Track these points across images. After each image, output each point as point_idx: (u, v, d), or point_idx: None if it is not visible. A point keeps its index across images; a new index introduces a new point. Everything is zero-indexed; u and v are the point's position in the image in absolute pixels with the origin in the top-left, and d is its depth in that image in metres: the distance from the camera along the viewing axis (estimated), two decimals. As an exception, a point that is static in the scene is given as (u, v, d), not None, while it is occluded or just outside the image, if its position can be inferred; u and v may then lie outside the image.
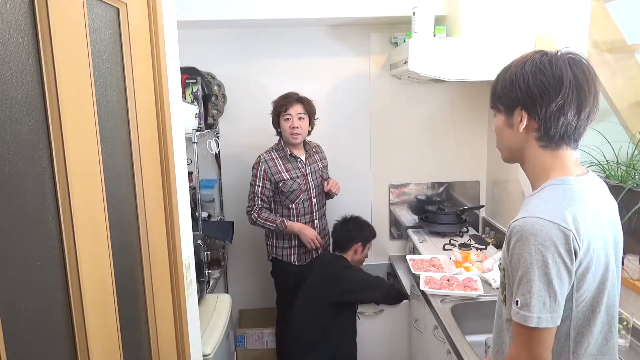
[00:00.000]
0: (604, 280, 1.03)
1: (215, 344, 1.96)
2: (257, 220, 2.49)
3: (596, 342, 1.05)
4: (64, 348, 0.82)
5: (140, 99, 1.12)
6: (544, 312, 0.94)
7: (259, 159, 2.51)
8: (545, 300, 0.94)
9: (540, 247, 0.94)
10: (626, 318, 1.60)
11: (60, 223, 0.79)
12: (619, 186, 1.65)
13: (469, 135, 2.95)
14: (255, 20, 2.56)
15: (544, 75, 1.00)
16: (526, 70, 1.02)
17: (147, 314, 1.16)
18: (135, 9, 1.11)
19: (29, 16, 0.73)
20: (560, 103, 0.98)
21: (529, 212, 0.98)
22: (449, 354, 1.72)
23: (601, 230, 1.02)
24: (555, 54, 1.04)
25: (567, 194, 1.01)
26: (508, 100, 1.06)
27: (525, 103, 1.02)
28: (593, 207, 1.02)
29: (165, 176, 1.25)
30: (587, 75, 1.01)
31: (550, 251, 0.94)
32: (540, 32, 2.24)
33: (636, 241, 1.65)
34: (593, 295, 1.02)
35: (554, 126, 1.01)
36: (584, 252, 0.97)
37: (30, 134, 0.73)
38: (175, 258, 1.30)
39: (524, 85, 1.02)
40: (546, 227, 0.95)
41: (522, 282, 0.97)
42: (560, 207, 0.97)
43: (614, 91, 2.41)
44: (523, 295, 0.96)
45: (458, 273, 2.16)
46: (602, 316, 1.05)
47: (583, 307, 1.02)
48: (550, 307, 0.94)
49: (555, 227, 0.94)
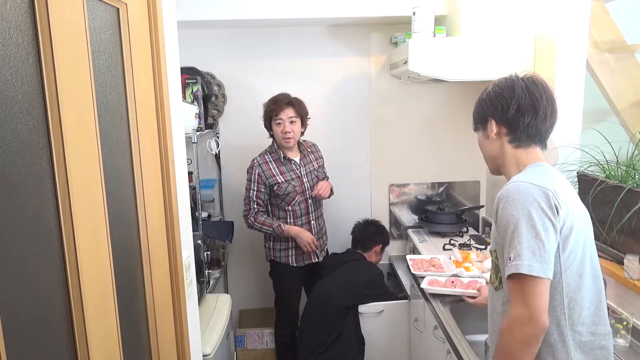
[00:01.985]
0: (585, 247, 1.14)
1: (215, 344, 1.96)
2: (254, 225, 2.49)
3: (589, 311, 1.13)
4: (64, 348, 0.82)
5: (140, 99, 1.12)
6: (534, 262, 1.03)
7: (253, 163, 2.50)
8: (534, 250, 1.04)
9: (525, 203, 1.07)
10: (626, 318, 1.60)
11: (60, 223, 0.79)
12: (619, 186, 1.65)
13: (469, 135, 2.93)
14: (255, 20, 2.56)
15: (499, 87, 1.25)
16: (488, 89, 1.29)
17: (147, 314, 1.16)
18: (135, 9, 1.11)
19: (29, 16, 0.73)
20: (516, 106, 1.20)
21: (511, 181, 1.15)
22: (449, 354, 1.72)
23: (577, 202, 1.17)
24: (512, 75, 1.27)
25: (544, 171, 1.18)
26: (480, 116, 1.32)
27: (492, 113, 1.26)
28: (565, 180, 1.20)
29: (165, 176, 1.25)
30: (537, 84, 1.22)
31: (534, 206, 1.06)
32: (540, 33, 2.24)
33: (636, 241, 1.65)
34: (579, 260, 1.12)
35: (518, 126, 1.21)
36: (565, 212, 1.09)
37: (30, 134, 0.73)
38: (175, 258, 1.30)
39: (487, 99, 1.28)
40: (527, 187, 1.09)
41: (513, 238, 1.07)
42: (539, 176, 1.14)
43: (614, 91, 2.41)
44: (514, 248, 1.06)
45: (459, 273, 2.16)
46: (590, 285, 1.15)
47: (572, 273, 1.11)
48: (540, 257, 1.04)
49: (536, 187, 1.09)
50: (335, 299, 2.37)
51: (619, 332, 1.60)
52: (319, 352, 2.33)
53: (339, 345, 2.34)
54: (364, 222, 2.77)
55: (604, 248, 1.82)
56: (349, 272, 2.51)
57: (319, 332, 2.36)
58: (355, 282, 2.47)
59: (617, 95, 2.41)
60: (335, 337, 2.35)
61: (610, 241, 1.76)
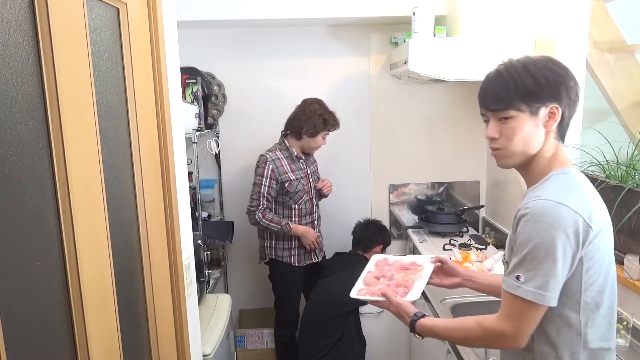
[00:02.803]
0: (609, 264, 1.05)
1: (215, 344, 1.96)
2: (261, 221, 2.43)
3: (601, 327, 1.07)
4: (64, 348, 0.82)
5: (140, 99, 1.12)
6: (543, 291, 0.98)
7: (266, 159, 2.45)
8: (548, 279, 0.98)
9: (551, 228, 0.97)
10: (626, 318, 1.60)
11: (60, 223, 0.79)
12: (619, 186, 1.65)
13: (469, 135, 2.95)
14: (255, 20, 2.56)
15: (554, 64, 1.05)
16: (539, 66, 1.05)
17: (147, 314, 1.16)
18: (135, 9, 1.11)
19: (29, 16, 0.73)
20: (577, 91, 1.05)
21: (539, 196, 1.01)
22: (449, 354, 1.72)
23: (606, 214, 1.06)
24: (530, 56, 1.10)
25: (574, 183, 1.05)
26: (530, 97, 1.05)
27: (555, 97, 1.04)
28: (596, 193, 1.07)
29: (165, 176, 1.25)
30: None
31: (559, 232, 0.97)
32: (540, 33, 2.24)
33: (636, 241, 1.65)
34: (602, 280, 1.03)
35: (568, 117, 1.07)
36: (596, 234, 0.99)
37: (30, 134, 0.73)
38: (175, 258, 1.30)
39: (542, 78, 1.04)
40: (557, 209, 0.98)
41: (526, 259, 1.00)
42: (573, 193, 1.01)
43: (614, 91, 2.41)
44: (527, 271, 0.99)
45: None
46: (612, 302, 1.08)
47: (592, 292, 1.03)
48: (550, 287, 0.98)
49: (567, 210, 0.98)
50: (336, 304, 2.35)
51: (619, 332, 1.60)
52: (320, 355, 2.33)
53: (340, 348, 2.34)
54: (364, 222, 2.72)
55: (604, 248, 1.82)
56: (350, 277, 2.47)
57: (320, 335, 2.35)
58: None
59: (617, 95, 2.41)
60: (337, 340, 2.34)
61: (610, 241, 1.76)
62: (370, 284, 1.50)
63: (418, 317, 1.23)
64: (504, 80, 1.06)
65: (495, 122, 1.11)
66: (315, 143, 2.48)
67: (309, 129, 2.43)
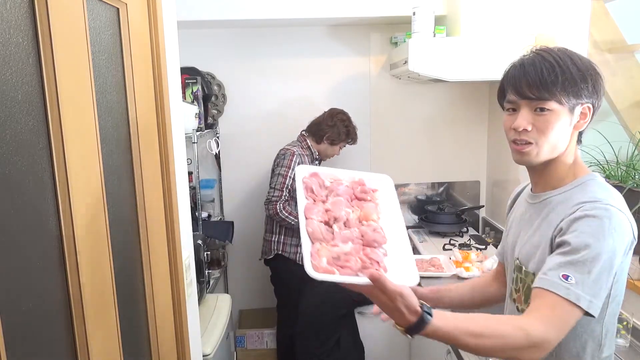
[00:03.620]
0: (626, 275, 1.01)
1: (215, 344, 1.96)
2: (280, 212, 2.44)
3: (614, 336, 1.04)
4: (64, 348, 0.82)
5: (140, 99, 1.12)
6: (596, 299, 0.90)
7: (293, 152, 2.50)
8: (601, 287, 0.90)
9: (616, 235, 0.91)
10: (626, 318, 1.60)
11: (60, 223, 0.79)
12: (619, 186, 1.65)
13: (469, 135, 2.95)
14: (255, 20, 2.56)
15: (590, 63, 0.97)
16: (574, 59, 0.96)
17: (147, 314, 1.16)
18: (135, 9, 1.11)
19: (29, 16, 0.73)
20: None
21: (599, 200, 0.94)
22: (449, 354, 1.72)
23: None
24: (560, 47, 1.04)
25: (612, 190, 0.98)
26: (573, 92, 0.96)
27: (592, 97, 0.98)
28: None
29: (165, 176, 1.25)
30: None
31: (622, 242, 0.92)
32: (540, 32, 2.24)
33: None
34: (621, 289, 0.99)
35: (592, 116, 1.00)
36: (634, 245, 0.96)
37: (30, 134, 0.73)
38: (175, 258, 1.30)
39: (588, 77, 0.96)
40: (620, 217, 0.93)
41: (584, 262, 0.90)
42: (621, 201, 0.96)
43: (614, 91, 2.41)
44: (581, 274, 0.89)
45: (459, 273, 2.16)
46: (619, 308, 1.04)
47: (615, 304, 0.99)
48: (601, 296, 0.91)
49: (625, 217, 0.93)
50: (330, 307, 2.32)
51: (619, 332, 1.60)
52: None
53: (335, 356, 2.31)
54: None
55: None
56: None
57: (312, 346, 2.32)
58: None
59: (617, 95, 2.40)
60: (331, 348, 2.30)
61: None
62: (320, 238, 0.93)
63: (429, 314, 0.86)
64: (552, 66, 0.95)
65: (528, 112, 0.98)
66: (332, 151, 2.61)
67: (332, 136, 2.55)
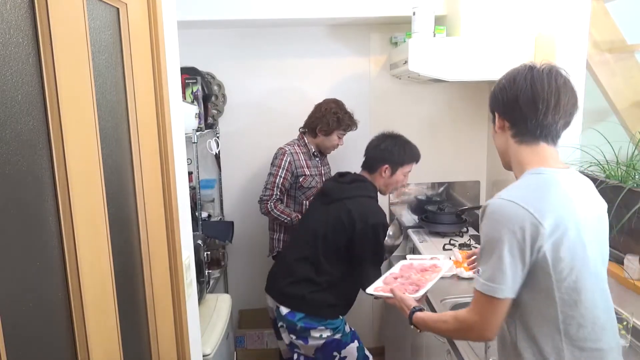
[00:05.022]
0: (586, 262, 1.09)
1: (215, 344, 1.96)
2: (272, 211, 2.50)
3: (586, 327, 1.09)
4: (64, 348, 0.82)
5: (140, 99, 1.12)
6: (492, 282, 1.07)
7: (284, 151, 2.53)
8: (495, 272, 1.07)
9: (500, 226, 1.06)
10: (626, 318, 1.60)
11: (60, 223, 0.79)
12: (619, 186, 1.65)
13: (469, 135, 2.95)
14: (255, 20, 2.56)
15: (504, 78, 1.19)
16: (498, 80, 1.21)
17: (147, 314, 1.16)
18: (135, 9, 1.11)
19: (29, 16, 0.73)
20: (513, 98, 1.14)
21: (499, 195, 1.11)
22: (449, 354, 1.72)
23: (573, 215, 1.08)
24: (529, 64, 1.17)
25: (539, 181, 1.12)
26: (489, 108, 1.24)
27: (495, 105, 1.21)
28: (566, 192, 1.10)
29: (165, 176, 1.25)
30: (546, 73, 1.13)
31: (508, 230, 1.05)
32: (540, 33, 2.24)
33: (636, 241, 1.65)
34: (576, 276, 1.07)
35: (517, 120, 1.16)
36: (552, 230, 1.04)
37: (30, 134, 0.73)
38: (175, 258, 1.30)
39: (494, 91, 1.21)
40: (508, 207, 1.07)
41: (482, 254, 1.11)
42: (531, 191, 1.10)
43: (614, 91, 2.41)
44: (482, 264, 1.10)
45: (459, 273, 2.16)
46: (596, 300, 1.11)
47: (566, 289, 1.07)
48: (499, 280, 1.06)
49: (517, 208, 1.06)
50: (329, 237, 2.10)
51: (619, 332, 1.60)
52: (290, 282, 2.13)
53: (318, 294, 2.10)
54: (381, 136, 2.25)
55: (604, 248, 1.82)
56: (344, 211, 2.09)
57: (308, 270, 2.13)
58: (348, 225, 2.06)
59: (617, 95, 2.41)
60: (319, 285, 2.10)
61: (610, 241, 1.76)
62: (387, 283, 1.66)
63: (415, 310, 1.38)
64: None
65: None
66: (330, 142, 2.56)
67: (323, 127, 2.51)
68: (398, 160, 2.15)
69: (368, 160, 2.22)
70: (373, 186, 2.20)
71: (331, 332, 2.11)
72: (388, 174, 2.16)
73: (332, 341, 2.11)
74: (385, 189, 2.22)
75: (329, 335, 2.10)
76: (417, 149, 2.22)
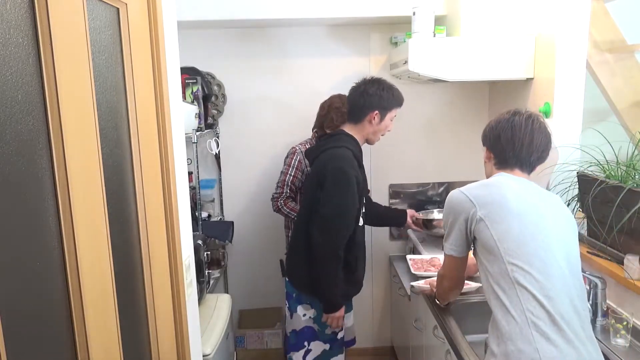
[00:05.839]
0: (532, 232, 1.34)
1: (215, 344, 1.96)
2: (282, 208, 2.53)
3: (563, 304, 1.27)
4: (64, 348, 0.82)
5: (140, 99, 1.12)
6: (448, 245, 1.51)
7: (295, 150, 2.55)
8: (448, 239, 1.50)
9: (449, 208, 1.49)
10: (626, 318, 1.60)
11: (60, 223, 0.79)
12: (619, 186, 1.65)
13: (469, 135, 2.95)
14: (255, 20, 2.56)
15: (494, 121, 1.53)
16: (490, 121, 1.56)
17: (147, 314, 1.17)
18: (135, 9, 1.11)
19: (29, 16, 0.73)
20: (496, 137, 1.50)
21: (460, 188, 1.48)
22: (449, 354, 1.72)
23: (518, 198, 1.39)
24: (514, 111, 1.51)
25: (492, 180, 1.48)
26: (482, 142, 1.58)
27: (485, 142, 1.56)
28: (517, 185, 1.43)
29: (165, 176, 1.25)
30: (526, 119, 1.46)
31: (453, 210, 1.46)
32: (540, 33, 2.24)
33: (636, 241, 1.65)
34: (523, 251, 1.32)
35: (498, 153, 1.51)
36: (481, 207, 1.39)
37: (30, 134, 0.73)
38: (175, 258, 1.30)
39: (484, 131, 1.57)
40: (456, 196, 1.46)
41: (444, 227, 1.53)
42: (478, 185, 1.47)
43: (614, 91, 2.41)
44: (445, 235, 1.52)
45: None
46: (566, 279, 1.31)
47: (509, 251, 1.33)
48: (451, 244, 1.50)
49: (460, 195, 1.45)
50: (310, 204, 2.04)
51: (619, 332, 1.60)
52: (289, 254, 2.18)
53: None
54: (362, 82, 2.10)
55: (604, 248, 1.82)
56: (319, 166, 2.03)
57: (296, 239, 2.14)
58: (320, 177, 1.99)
59: (617, 95, 2.41)
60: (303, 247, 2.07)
61: (610, 241, 1.76)
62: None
63: None
64: None
65: None
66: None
67: (328, 123, 2.46)
68: (387, 104, 2.04)
69: (354, 109, 2.07)
70: (350, 138, 2.06)
71: (313, 313, 2.13)
72: (377, 120, 2.04)
73: (308, 329, 2.15)
74: (374, 137, 2.10)
75: (311, 317, 2.14)
76: (400, 92, 2.10)
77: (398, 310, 2.91)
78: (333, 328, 2.10)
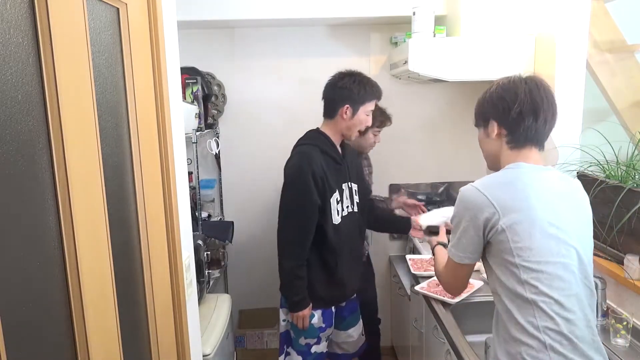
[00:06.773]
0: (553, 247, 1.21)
1: (215, 344, 1.96)
2: None
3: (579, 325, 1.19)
4: (64, 348, 0.82)
5: (140, 99, 1.12)
6: (459, 252, 1.30)
7: None
8: (456, 243, 1.31)
9: (463, 208, 1.28)
10: (626, 318, 1.60)
11: (60, 223, 0.79)
12: (619, 186, 1.65)
13: (469, 135, 2.94)
14: (255, 20, 2.56)
15: (502, 89, 1.29)
16: (492, 90, 1.33)
17: (147, 314, 1.16)
18: (135, 9, 1.11)
19: (29, 16, 0.73)
20: (518, 110, 1.25)
21: (469, 184, 1.29)
22: (449, 354, 1.72)
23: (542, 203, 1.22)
24: (516, 76, 1.31)
25: (509, 174, 1.28)
26: (482, 115, 1.38)
27: (494, 115, 1.32)
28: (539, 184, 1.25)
29: (165, 176, 1.25)
30: (539, 87, 1.26)
31: (467, 212, 1.26)
32: (540, 32, 2.24)
33: (636, 241, 1.65)
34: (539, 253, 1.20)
35: (517, 129, 1.27)
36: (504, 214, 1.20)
37: (30, 134, 0.73)
38: (175, 258, 1.30)
39: (490, 100, 1.33)
40: (472, 194, 1.26)
41: (453, 228, 1.33)
42: (496, 181, 1.27)
43: (614, 91, 2.41)
44: (451, 237, 1.34)
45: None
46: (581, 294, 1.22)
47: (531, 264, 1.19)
48: (457, 249, 1.31)
49: (477, 195, 1.24)
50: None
51: (619, 332, 1.60)
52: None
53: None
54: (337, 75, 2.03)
55: (604, 248, 1.82)
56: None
57: None
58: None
59: (617, 95, 2.41)
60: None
61: (610, 241, 1.76)
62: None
63: (439, 243, 1.69)
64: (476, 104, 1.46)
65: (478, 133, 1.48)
66: (367, 141, 2.46)
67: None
68: (359, 98, 1.93)
69: (327, 104, 2.01)
70: (319, 134, 2.01)
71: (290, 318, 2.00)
72: (349, 115, 1.94)
73: (285, 333, 2.10)
74: (349, 133, 1.99)
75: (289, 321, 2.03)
76: (378, 85, 2.00)
77: (398, 310, 2.91)
78: (300, 328, 1.98)
